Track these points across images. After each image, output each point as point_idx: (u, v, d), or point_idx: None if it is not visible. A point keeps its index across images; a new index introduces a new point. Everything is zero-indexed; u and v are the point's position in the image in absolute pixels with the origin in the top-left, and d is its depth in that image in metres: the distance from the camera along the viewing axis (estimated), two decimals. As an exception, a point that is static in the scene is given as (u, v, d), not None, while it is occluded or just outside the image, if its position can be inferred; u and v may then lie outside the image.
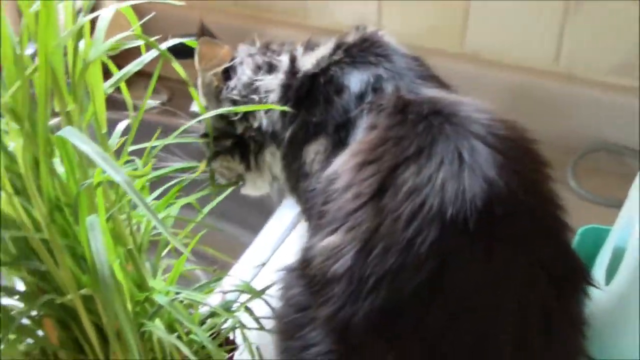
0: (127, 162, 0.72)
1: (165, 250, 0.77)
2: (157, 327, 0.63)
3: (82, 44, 0.62)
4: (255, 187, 0.91)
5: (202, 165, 0.82)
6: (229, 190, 0.89)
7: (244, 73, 0.82)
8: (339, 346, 0.61)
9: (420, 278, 0.56)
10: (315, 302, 0.63)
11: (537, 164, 0.64)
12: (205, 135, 0.85)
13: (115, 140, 0.73)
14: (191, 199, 0.79)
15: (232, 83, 0.83)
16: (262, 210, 1.12)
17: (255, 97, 0.80)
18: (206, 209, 0.80)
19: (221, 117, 0.83)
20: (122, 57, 0.68)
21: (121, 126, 0.74)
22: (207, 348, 0.65)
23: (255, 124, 0.81)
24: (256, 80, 0.80)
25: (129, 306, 0.62)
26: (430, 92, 0.72)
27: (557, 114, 1.13)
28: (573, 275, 0.62)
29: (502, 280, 0.57)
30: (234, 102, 0.83)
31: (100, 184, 0.55)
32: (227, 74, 0.84)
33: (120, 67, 0.67)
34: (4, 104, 0.54)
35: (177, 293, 0.65)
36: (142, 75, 0.71)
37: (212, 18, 0.97)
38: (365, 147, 0.64)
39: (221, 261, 0.84)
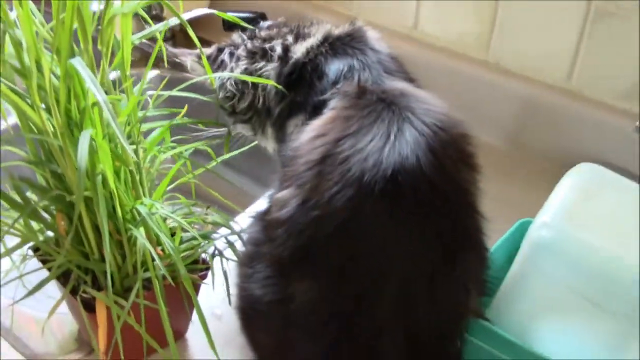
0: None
1: (174, 185, 0.93)
2: (139, 233, 0.78)
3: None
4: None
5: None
6: (251, 145, 1.04)
7: (239, 66, 0.95)
8: (275, 274, 0.75)
9: (332, 226, 0.69)
10: (265, 240, 0.78)
11: (460, 153, 0.75)
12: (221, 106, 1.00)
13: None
14: (200, 144, 0.94)
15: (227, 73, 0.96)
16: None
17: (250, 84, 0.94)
18: (221, 158, 0.94)
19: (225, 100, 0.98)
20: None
21: (151, 74, 0.90)
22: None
23: (250, 111, 0.96)
24: (253, 67, 0.94)
25: (119, 211, 0.78)
26: (391, 84, 0.84)
27: (562, 129, 1.21)
28: (466, 247, 0.73)
29: (396, 239, 0.69)
30: (232, 94, 0.96)
31: (95, 104, 0.71)
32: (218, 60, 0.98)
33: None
34: (41, 35, 0.70)
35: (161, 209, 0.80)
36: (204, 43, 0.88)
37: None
38: (320, 124, 0.78)
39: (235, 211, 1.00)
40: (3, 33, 0.71)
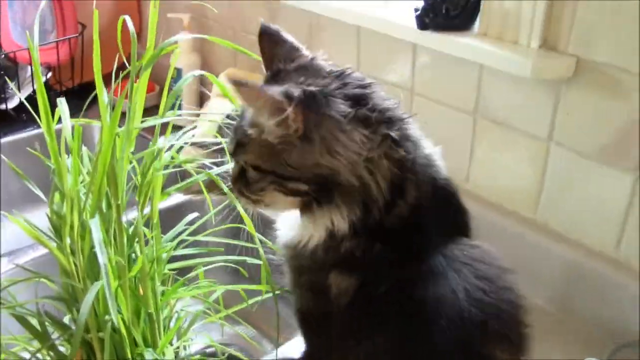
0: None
1: (200, 323, 0.97)
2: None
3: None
4: None
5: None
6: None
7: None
8: None
9: None
10: None
11: None
12: None
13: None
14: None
15: None
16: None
17: None
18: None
19: None
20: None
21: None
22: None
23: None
24: None
25: (128, 355, 0.82)
26: None
27: (608, 299, 1.17)
28: None
29: None
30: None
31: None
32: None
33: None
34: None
35: None
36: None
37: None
38: None
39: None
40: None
